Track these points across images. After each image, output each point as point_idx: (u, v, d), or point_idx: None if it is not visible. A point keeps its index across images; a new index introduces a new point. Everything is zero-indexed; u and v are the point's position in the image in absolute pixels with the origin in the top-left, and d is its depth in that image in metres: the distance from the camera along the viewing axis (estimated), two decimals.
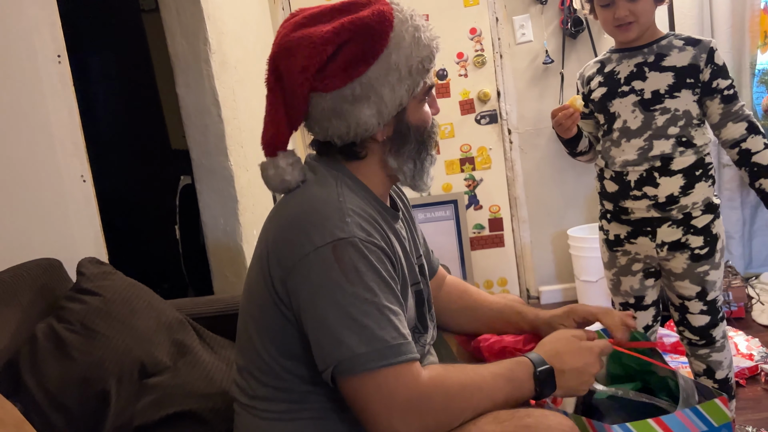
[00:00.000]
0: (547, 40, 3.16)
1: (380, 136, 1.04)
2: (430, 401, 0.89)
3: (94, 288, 1.35)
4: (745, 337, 2.48)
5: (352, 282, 0.90)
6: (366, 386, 0.88)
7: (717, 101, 1.58)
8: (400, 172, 1.06)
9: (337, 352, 0.89)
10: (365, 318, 0.89)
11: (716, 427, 0.94)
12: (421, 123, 1.06)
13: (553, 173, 3.29)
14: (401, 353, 0.89)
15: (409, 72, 0.99)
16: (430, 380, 0.90)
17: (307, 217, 0.96)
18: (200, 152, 2.17)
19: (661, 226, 1.63)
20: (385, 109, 1.00)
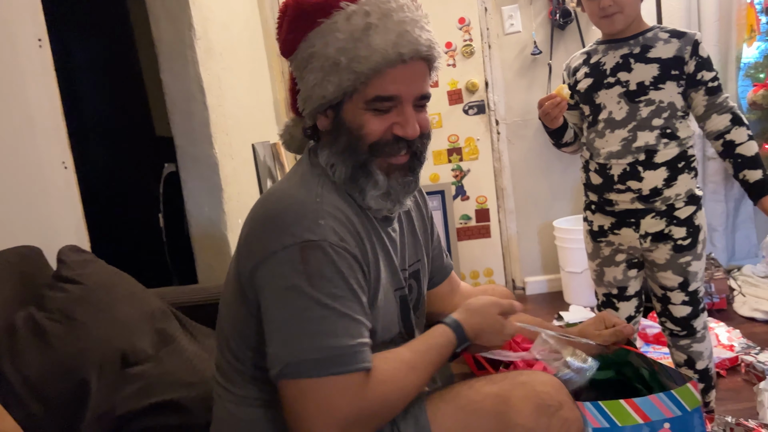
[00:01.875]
0: (535, 31, 3.15)
1: (320, 123, 1.02)
2: (371, 416, 0.89)
3: (74, 276, 1.34)
4: (726, 329, 2.51)
5: (314, 286, 0.88)
6: (308, 394, 0.85)
7: (701, 93, 1.59)
8: (333, 173, 1.00)
9: (285, 353, 0.87)
10: (321, 323, 0.87)
11: (689, 412, 0.95)
12: (356, 128, 0.97)
13: (540, 164, 3.30)
14: (351, 362, 0.87)
15: (334, 67, 0.93)
16: (372, 395, 0.88)
17: (282, 215, 0.93)
18: (185, 140, 2.14)
19: (644, 218, 1.64)
20: (311, 97, 0.98)
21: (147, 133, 2.91)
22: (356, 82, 0.93)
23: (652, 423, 0.93)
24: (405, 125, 0.97)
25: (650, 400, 0.94)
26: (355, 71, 0.92)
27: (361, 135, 0.96)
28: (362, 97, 0.95)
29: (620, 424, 0.92)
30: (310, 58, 0.95)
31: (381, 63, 0.92)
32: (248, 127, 2.56)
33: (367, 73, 0.92)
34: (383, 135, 0.97)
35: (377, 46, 0.91)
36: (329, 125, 1.00)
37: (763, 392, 1.87)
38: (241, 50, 2.59)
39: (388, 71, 0.93)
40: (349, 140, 0.97)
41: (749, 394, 2.03)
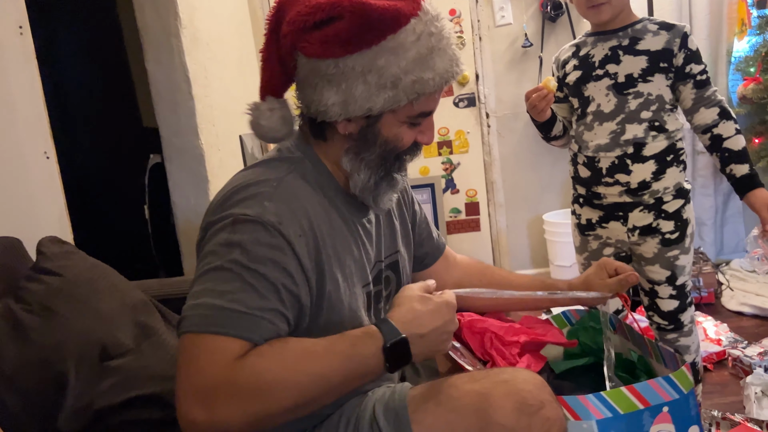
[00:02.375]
0: (526, 24, 3.14)
1: (342, 128, 0.99)
2: (237, 391, 0.80)
3: (54, 268, 1.31)
4: (714, 323, 2.51)
5: (232, 252, 0.87)
6: (186, 349, 0.83)
7: (690, 86, 1.58)
8: (351, 177, 1.01)
9: (185, 308, 0.86)
10: (223, 285, 0.85)
11: (685, 394, 0.95)
12: (393, 140, 0.98)
13: (529, 158, 3.29)
14: (234, 327, 0.83)
15: (394, 84, 0.92)
16: (242, 366, 0.81)
17: (231, 194, 0.94)
18: (170, 130, 2.12)
19: (632, 211, 1.64)
20: (352, 105, 0.94)
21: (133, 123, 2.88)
22: (414, 100, 0.94)
23: (651, 407, 0.93)
24: (428, 133, 1.02)
25: (649, 384, 0.94)
26: (416, 92, 0.93)
27: (396, 146, 0.99)
28: (407, 112, 0.96)
29: (622, 412, 0.92)
30: (366, 72, 0.92)
31: (439, 85, 0.95)
32: (236, 118, 2.53)
33: (428, 93, 0.94)
34: (409, 145, 1.01)
35: (439, 70, 0.94)
36: (356, 131, 0.98)
37: (750, 386, 1.87)
38: (229, 40, 2.56)
39: (437, 91, 0.96)
40: (384, 151, 0.99)
41: (736, 388, 2.04)
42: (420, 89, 0.93)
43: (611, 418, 0.91)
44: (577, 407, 0.92)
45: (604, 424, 0.91)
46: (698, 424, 0.97)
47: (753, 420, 1.65)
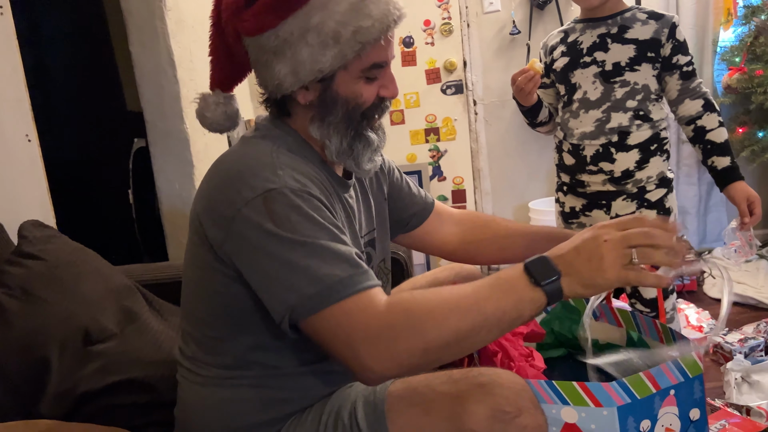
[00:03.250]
0: (514, 11, 3.13)
1: (302, 98, 0.99)
2: (393, 329, 0.83)
3: (36, 252, 1.30)
4: (695, 310, 2.54)
5: (286, 230, 0.87)
6: (324, 326, 0.85)
7: (676, 77, 1.59)
8: (325, 145, 1.01)
9: (287, 299, 0.85)
10: (308, 259, 0.86)
11: (691, 379, 0.97)
12: (353, 97, 0.98)
13: (516, 146, 3.30)
14: (353, 284, 0.85)
15: (335, 39, 0.92)
16: (390, 306, 0.84)
17: (238, 174, 0.93)
18: (155, 114, 2.09)
19: (615, 200, 1.65)
20: (302, 70, 0.94)
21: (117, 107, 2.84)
22: (360, 52, 0.93)
23: (661, 391, 0.95)
24: (390, 86, 1.01)
25: (661, 369, 0.95)
26: (359, 42, 0.92)
27: (358, 103, 0.98)
28: (359, 66, 0.96)
29: (639, 397, 0.93)
30: (304, 34, 0.92)
31: (381, 31, 0.93)
32: None
33: (370, 42, 0.93)
34: (374, 100, 1.00)
35: (377, 16, 0.92)
36: (315, 98, 0.98)
37: (730, 372, 1.90)
38: None
39: (381, 38, 0.94)
40: (346, 110, 0.98)
41: (717, 373, 2.07)
42: (362, 38, 0.92)
43: (630, 404, 0.92)
44: (600, 394, 0.92)
45: (624, 410, 0.92)
46: (700, 407, 0.98)
47: (733, 405, 1.68)
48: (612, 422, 0.91)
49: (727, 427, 1.56)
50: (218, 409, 1.01)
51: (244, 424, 1.00)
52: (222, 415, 1.01)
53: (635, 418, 0.93)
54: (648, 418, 0.94)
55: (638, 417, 0.93)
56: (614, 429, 0.91)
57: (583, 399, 0.92)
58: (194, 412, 1.05)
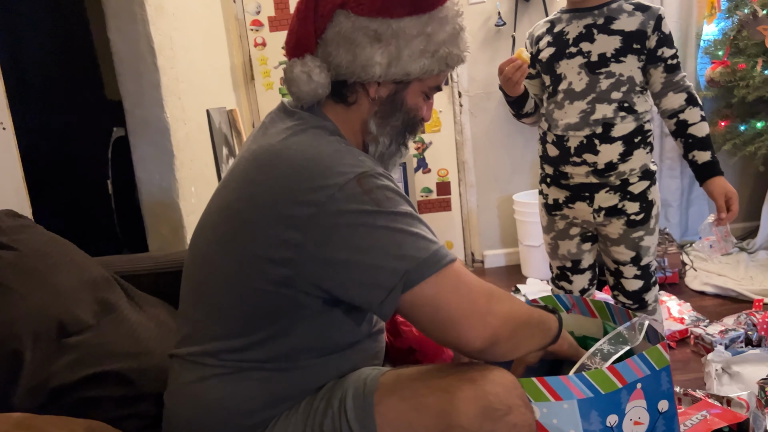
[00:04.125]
0: (499, 2, 3.11)
1: (373, 91, 1.01)
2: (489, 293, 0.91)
3: (8, 242, 1.26)
4: (677, 302, 2.56)
5: (387, 206, 0.89)
6: (443, 285, 0.88)
7: (660, 70, 1.59)
8: (375, 141, 1.04)
9: (399, 266, 0.86)
10: (414, 228, 0.89)
11: (657, 371, 0.97)
12: (414, 108, 1.05)
13: (501, 138, 3.29)
14: (449, 254, 0.90)
15: (433, 53, 0.99)
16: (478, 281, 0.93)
17: (317, 161, 0.91)
18: (134, 102, 2.05)
19: (598, 192, 1.64)
20: (395, 67, 0.98)
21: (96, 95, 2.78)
22: (442, 71, 1.02)
23: (628, 385, 0.94)
24: (429, 111, 1.09)
25: (627, 363, 0.95)
26: (447, 64, 1.01)
27: (418, 117, 1.06)
28: (431, 83, 1.04)
29: (603, 392, 0.92)
30: (417, 36, 0.97)
31: (459, 63, 1.03)
32: (203, 92, 2.46)
33: (451, 67, 1.03)
34: (421, 117, 1.08)
35: (462, 49, 1.03)
36: (384, 96, 1.02)
37: (711, 363, 1.91)
38: (196, 10, 2.49)
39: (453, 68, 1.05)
40: (406, 119, 1.04)
41: (697, 365, 2.08)
42: (450, 61, 1.01)
43: (592, 398, 0.91)
44: (559, 388, 0.92)
45: (585, 404, 0.91)
46: (668, 399, 0.98)
47: (713, 396, 1.69)
48: (573, 416, 0.91)
49: (708, 417, 1.57)
50: (222, 404, 0.98)
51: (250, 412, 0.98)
52: (225, 410, 0.98)
53: (599, 413, 0.92)
54: (615, 413, 0.93)
55: (603, 412, 0.92)
56: (576, 423, 0.91)
57: (543, 394, 0.92)
58: (192, 405, 1.02)
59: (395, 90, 1.01)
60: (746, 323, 2.17)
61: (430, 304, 0.87)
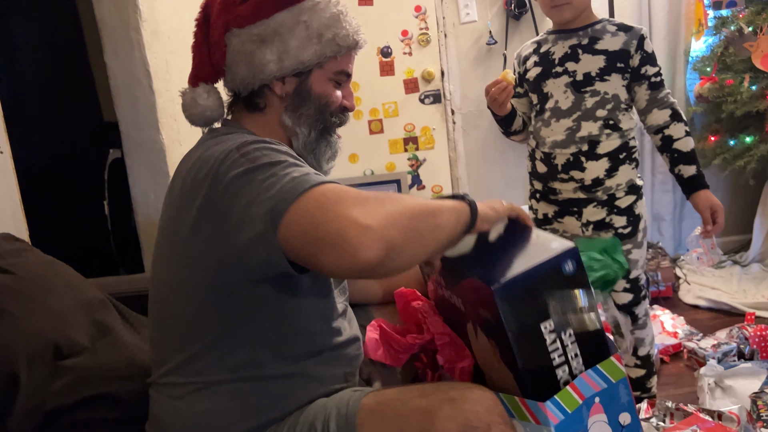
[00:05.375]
0: (491, 21, 3.16)
1: (279, 89, 1.09)
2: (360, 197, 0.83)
3: (5, 265, 1.28)
4: (671, 316, 2.58)
5: (264, 160, 0.90)
6: (308, 207, 0.81)
7: (644, 87, 1.62)
8: (294, 133, 1.09)
9: (266, 202, 0.83)
10: (289, 169, 0.88)
11: (614, 383, 0.97)
12: (324, 95, 1.10)
13: (494, 154, 3.32)
14: (318, 178, 0.86)
15: (319, 37, 1.06)
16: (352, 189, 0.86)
17: (215, 152, 0.96)
18: (130, 125, 2.08)
19: (586, 207, 1.67)
20: (287, 59, 1.05)
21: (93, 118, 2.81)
22: (336, 53, 1.08)
23: (586, 400, 0.94)
24: (350, 99, 1.16)
25: (583, 378, 0.95)
26: (338, 44, 1.07)
27: (329, 102, 1.11)
28: (333, 68, 1.10)
29: (570, 411, 0.92)
30: (294, 26, 1.05)
31: (353, 44, 1.10)
32: None
33: (344, 48, 1.08)
34: (340, 105, 1.13)
35: (350, 30, 1.09)
36: (291, 90, 1.09)
37: (704, 377, 1.92)
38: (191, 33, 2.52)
39: (351, 53, 1.12)
40: (318, 106, 1.09)
41: (691, 379, 2.09)
42: (341, 41, 1.07)
43: (564, 420, 0.91)
44: (538, 413, 0.92)
45: (560, 428, 0.91)
46: (630, 412, 0.98)
47: (705, 410, 1.70)
48: None
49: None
50: (198, 421, 1.01)
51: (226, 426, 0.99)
52: (202, 428, 1.00)
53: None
54: (579, 430, 0.93)
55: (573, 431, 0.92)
56: None
57: (525, 415, 0.92)
58: (171, 428, 1.04)
59: (299, 82, 1.08)
60: (738, 337, 2.19)
61: (301, 231, 0.81)
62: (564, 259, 0.96)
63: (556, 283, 0.95)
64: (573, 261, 0.96)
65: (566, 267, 0.96)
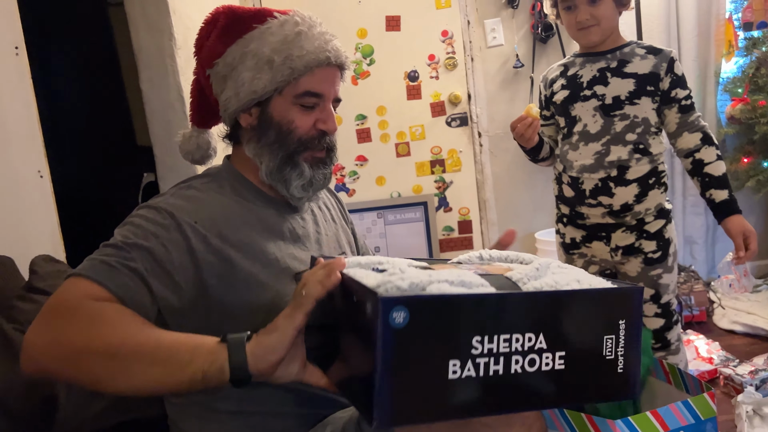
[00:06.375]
0: (517, 44, 3.18)
1: (244, 121, 1.09)
2: (73, 311, 0.83)
3: (46, 287, 1.31)
4: (705, 341, 2.52)
5: (122, 228, 0.96)
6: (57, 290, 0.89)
7: (675, 110, 1.61)
8: (258, 162, 1.08)
9: None
10: (105, 247, 0.93)
11: (703, 421, 0.95)
12: (285, 121, 1.06)
13: (522, 176, 3.32)
14: (90, 270, 0.88)
15: (269, 64, 1.03)
16: (89, 299, 0.84)
17: (154, 196, 1.05)
18: (163, 149, 2.13)
19: (615, 232, 1.65)
20: (242, 92, 1.05)
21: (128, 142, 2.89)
22: (290, 77, 1.03)
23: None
24: (327, 120, 1.08)
25: (670, 409, 0.93)
26: (290, 67, 1.02)
27: (291, 129, 1.06)
28: (293, 92, 1.05)
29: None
30: (243, 58, 1.04)
31: (312, 62, 1.03)
32: None
33: (300, 69, 1.03)
34: (309, 130, 1.07)
35: (308, 49, 1.03)
36: (255, 121, 1.08)
37: (741, 405, 1.88)
38: None
39: (317, 70, 1.05)
40: (278, 134, 1.06)
41: (727, 406, 2.04)
42: (292, 64, 1.02)
43: None
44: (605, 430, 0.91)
45: None
46: None
47: None
48: None
49: None
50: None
51: None
52: None
53: None
54: None
55: None
56: None
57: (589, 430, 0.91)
58: None
59: (260, 112, 1.07)
60: None
61: None
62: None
63: None
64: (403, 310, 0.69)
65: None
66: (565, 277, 0.84)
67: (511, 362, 0.74)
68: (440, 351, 0.70)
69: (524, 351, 0.74)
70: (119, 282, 0.88)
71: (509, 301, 0.74)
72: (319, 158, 1.09)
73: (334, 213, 1.30)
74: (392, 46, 3.20)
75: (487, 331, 0.72)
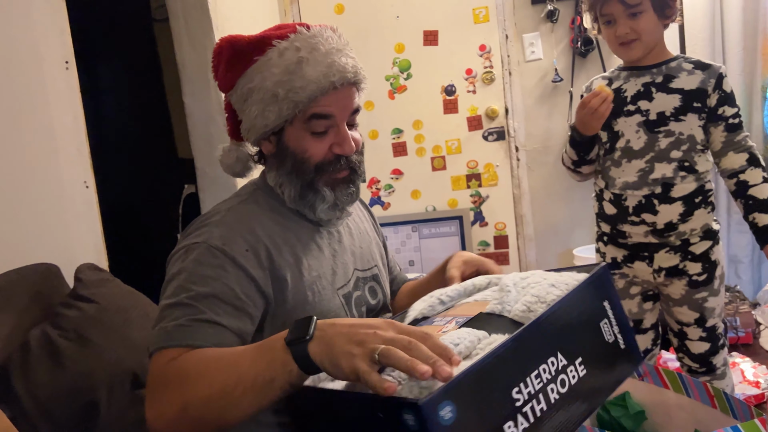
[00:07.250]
0: (556, 59, 3.15)
1: (265, 149, 1.11)
2: (164, 380, 0.87)
3: (90, 295, 1.35)
4: (752, 364, 2.44)
5: (179, 278, 0.96)
6: (149, 369, 0.92)
7: (721, 129, 1.56)
8: (280, 190, 1.09)
9: (152, 334, 0.94)
10: (172, 308, 0.94)
11: None
12: (299, 150, 1.06)
13: (560, 192, 3.27)
14: (168, 339, 0.90)
15: (274, 98, 1.02)
16: (172, 364, 0.88)
17: (194, 223, 1.06)
18: (205, 161, 2.17)
19: (658, 252, 1.61)
20: (255, 125, 1.06)
21: (170, 154, 2.95)
22: (295, 109, 1.02)
23: None
24: (342, 143, 1.06)
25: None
26: (293, 101, 1.01)
27: (306, 158, 1.06)
28: (302, 118, 1.04)
29: None
30: (250, 93, 1.05)
31: (315, 92, 1.01)
32: None
33: (304, 101, 1.02)
34: (325, 156, 1.07)
35: (311, 77, 1.01)
36: (274, 149, 1.09)
37: None
38: None
39: (322, 98, 1.03)
40: (294, 163, 1.06)
41: None
42: (295, 97, 1.01)
43: None
44: None
45: None
46: None
47: None
48: None
49: None
50: None
51: None
52: None
53: None
54: None
55: None
56: None
57: None
58: None
59: (277, 140, 1.07)
60: None
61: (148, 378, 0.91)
62: None
63: None
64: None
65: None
66: (540, 288, 0.87)
67: (548, 393, 0.74)
68: (491, 421, 0.69)
69: (554, 376, 0.76)
70: (199, 336, 0.91)
71: (523, 339, 0.75)
72: (341, 179, 1.08)
73: (368, 225, 1.31)
74: (429, 61, 3.21)
75: (519, 377, 0.72)
